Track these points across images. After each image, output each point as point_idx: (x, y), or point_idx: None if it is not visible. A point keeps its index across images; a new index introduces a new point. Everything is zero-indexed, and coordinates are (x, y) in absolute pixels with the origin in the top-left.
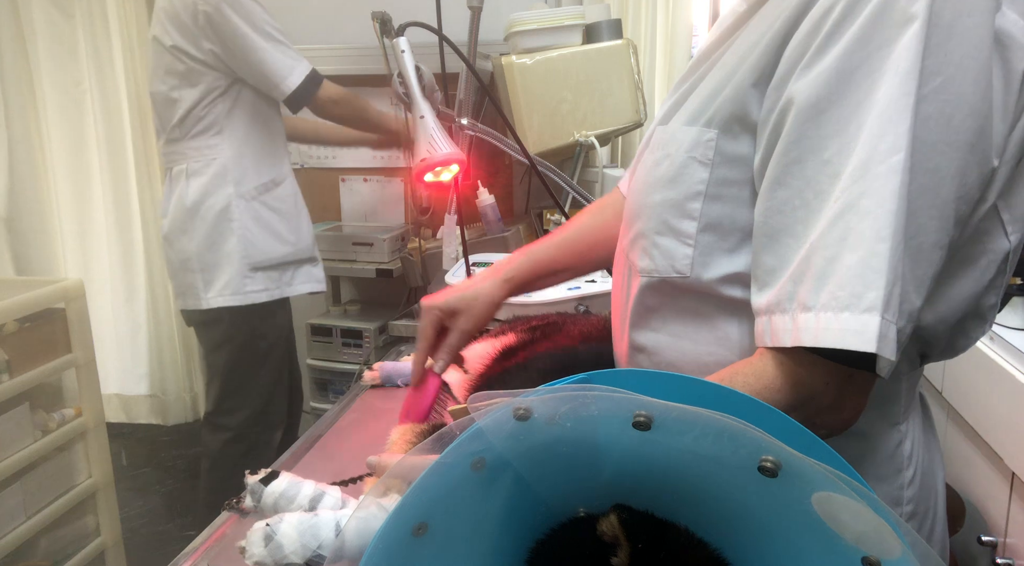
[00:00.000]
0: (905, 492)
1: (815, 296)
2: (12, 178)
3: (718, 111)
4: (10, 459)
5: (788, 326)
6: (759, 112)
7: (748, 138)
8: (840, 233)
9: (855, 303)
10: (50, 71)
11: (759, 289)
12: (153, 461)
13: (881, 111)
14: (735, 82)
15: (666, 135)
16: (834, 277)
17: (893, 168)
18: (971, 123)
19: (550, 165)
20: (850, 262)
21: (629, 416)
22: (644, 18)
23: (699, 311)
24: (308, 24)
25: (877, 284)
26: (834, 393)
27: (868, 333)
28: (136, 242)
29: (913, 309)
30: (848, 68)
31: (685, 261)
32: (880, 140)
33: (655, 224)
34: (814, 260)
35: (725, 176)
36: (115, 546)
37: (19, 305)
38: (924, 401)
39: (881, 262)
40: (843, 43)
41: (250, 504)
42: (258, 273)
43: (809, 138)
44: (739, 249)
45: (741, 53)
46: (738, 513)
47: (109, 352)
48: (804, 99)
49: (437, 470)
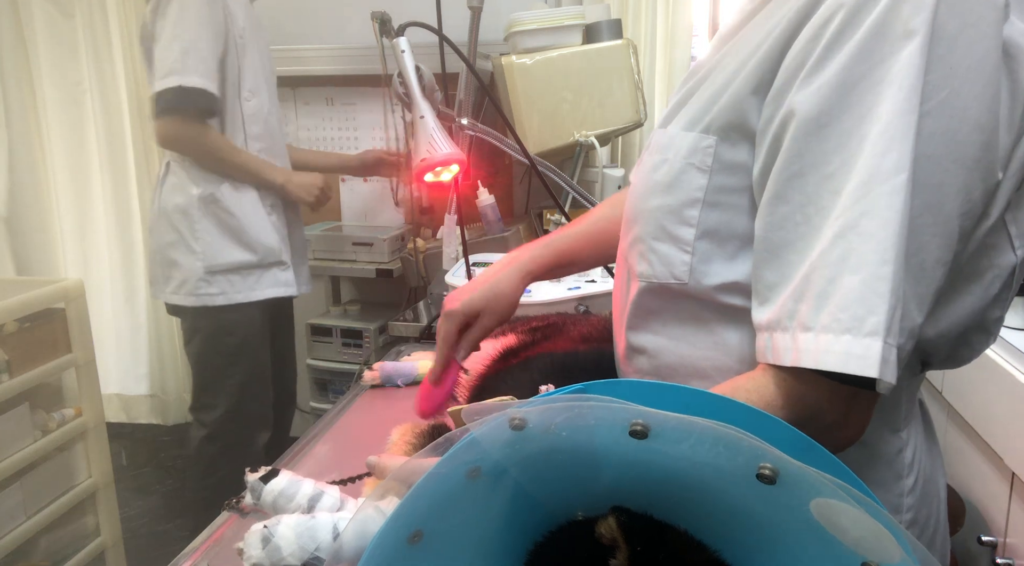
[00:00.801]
0: (905, 499)
1: (815, 316)
2: (12, 178)
3: (716, 118)
4: (10, 459)
5: (788, 345)
6: (758, 120)
7: (747, 146)
8: (841, 253)
9: (857, 327)
10: (50, 71)
11: (760, 304)
12: (153, 461)
13: (884, 127)
14: (734, 89)
15: (665, 139)
16: (834, 298)
17: (896, 189)
18: (977, 137)
19: (550, 165)
20: (852, 284)
21: (626, 425)
22: (644, 18)
23: (698, 316)
24: (308, 24)
25: (880, 308)
26: (836, 411)
27: (871, 357)
28: (136, 242)
29: (914, 326)
30: (850, 81)
31: (683, 268)
32: (883, 158)
33: (652, 230)
34: (814, 279)
35: (723, 183)
36: (115, 546)
37: (19, 305)
38: (924, 408)
39: (884, 286)
40: (845, 54)
41: (250, 502)
42: (216, 276)
43: (811, 152)
44: (737, 257)
45: (741, 58)
46: (737, 518)
47: (109, 352)
48: (805, 112)
49: (432, 479)
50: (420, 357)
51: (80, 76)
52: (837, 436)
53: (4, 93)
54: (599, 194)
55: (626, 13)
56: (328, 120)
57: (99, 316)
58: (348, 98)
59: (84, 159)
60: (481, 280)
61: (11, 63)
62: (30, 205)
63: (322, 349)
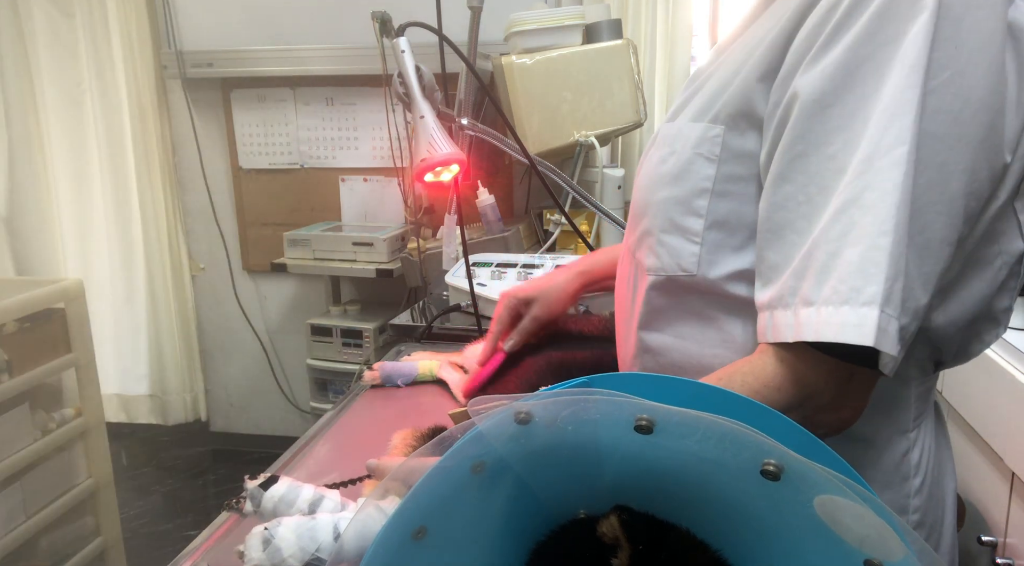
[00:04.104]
0: (912, 501)
1: (817, 291)
2: (12, 178)
3: (724, 106)
4: (10, 459)
5: (790, 321)
6: (765, 107)
7: (755, 134)
8: (843, 228)
9: (854, 297)
10: (50, 71)
11: (763, 285)
12: (153, 461)
13: (887, 105)
14: (741, 77)
15: (672, 131)
16: (835, 271)
17: (896, 161)
18: (982, 118)
19: (550, 165)
20: (851, 256)
21: (631, 420)
22: (644, 18)
23: (703, 313)
24: (308, 24)
25: (877, 278)
26: (834, 391)
27: (867, 326)
28: (136, 242)
29: (919, 306)
30: (854, 62)
31: (692, 259)
32: (884, 134)
33: (661, 222)
34: (816, 255)
35: (732, 172)
36: (115, 546)
37: (19, 305)
38: (939, 410)
39: (882, 256)
40: (850, 37)
41: (250, 509)
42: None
43: (814, 133)
44: (746, 246)
45: (748, 48)
46: (740, 515)
47: (109, 352)
48: (809, 94)
49: (437, 473)
50: (420, 357)
51: (80, 76)
52: (833, 417)
53: (4, 93)
54: (599, 194)
55: (626, 13)
56: (328, 120)
57: (99, 316)
58: (348, 98)
59: (84, 159)
60: (542, 279)
61: (11, 63)
62: (30, 205)
63: (322, 349)
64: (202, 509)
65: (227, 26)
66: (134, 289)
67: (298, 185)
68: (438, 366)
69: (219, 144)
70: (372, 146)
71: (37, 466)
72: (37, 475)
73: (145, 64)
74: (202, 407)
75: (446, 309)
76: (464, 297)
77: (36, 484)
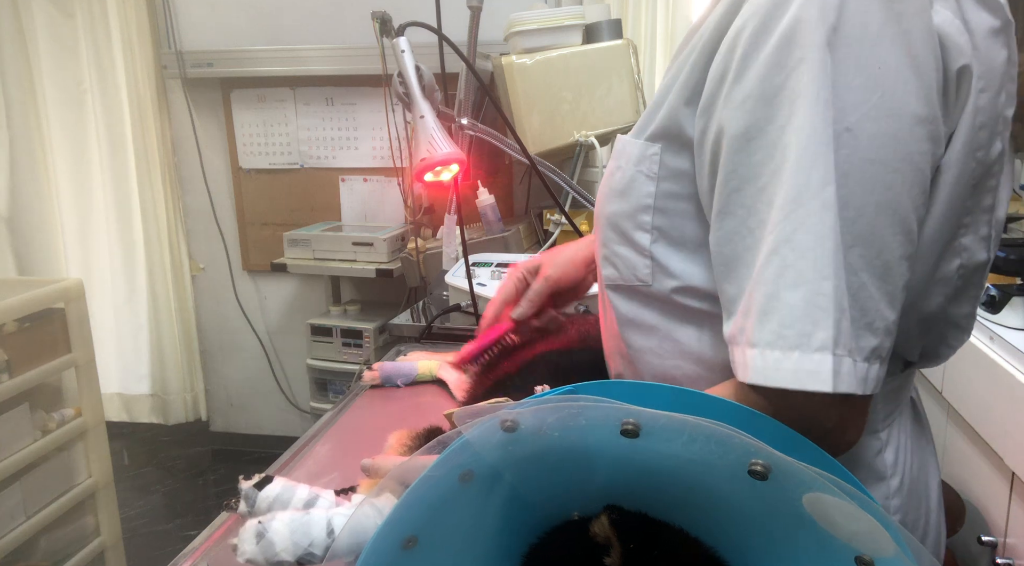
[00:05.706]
0: (891, 502)
1: (759, 332)
2: (13, 177)
3: (659, 126)
4: (10, 459)
5: (742, 360)
6: (693, 132)
7: (687, 154)
8: (776, 269)
9: (806, 343)
10: (50, 71)
11: (726, 318)
12: (153, 461)
13: (807, 137)
14: (670, 100)
15: (620, 145)
16: (776, 314)
17: (827, 204)
18: (919, 131)
19: (550, 165)
20: (793, 300)
21: (617, 425)
22: (644, 18)
23: (658, 324)
24: (308, 24)
25: (825, 322)
26: (834, 417)
27: (823, 373)
28: (136, 242)
29: (888, 323)
30: (769, 93)
31: (645, 271)
32: (811, 171)
33: (613, 234)
34: (756, 295)
35: (670, 190)
36: (115, 546)
37: (19, 305)
38: (916, 407)
39: (827, 301)
40: (760, 65)
41: (244, 510)
42: None
43: (744, 166)
44: (691, 260)
45: (676, 68)
46: (731, 514)
47: (110, 352)
48: (733, 130)
49: (425, 483)
50: (419, 357)
51: (80, 76)
52: (839, 440)
53: (4, 93)
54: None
55: (626, 13)
56: (328, 120)
57: (99, 316)
58: (348, 98)
59: (84, 159)
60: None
61: (11, 63)
62: (31, 205)
63: (322, 349)
64: (202, 509)
65: (227, 26)
66: (134, 289)
67: (298, 185)
68: (437, 366)
69: (219, 144)
70: (372, 146)
71: (37, 466)
72: (37, 475)
73: (145, 64)
74: (202, 407)
75: (446, 309)
76: (464, 297)
77: (36, 484)
